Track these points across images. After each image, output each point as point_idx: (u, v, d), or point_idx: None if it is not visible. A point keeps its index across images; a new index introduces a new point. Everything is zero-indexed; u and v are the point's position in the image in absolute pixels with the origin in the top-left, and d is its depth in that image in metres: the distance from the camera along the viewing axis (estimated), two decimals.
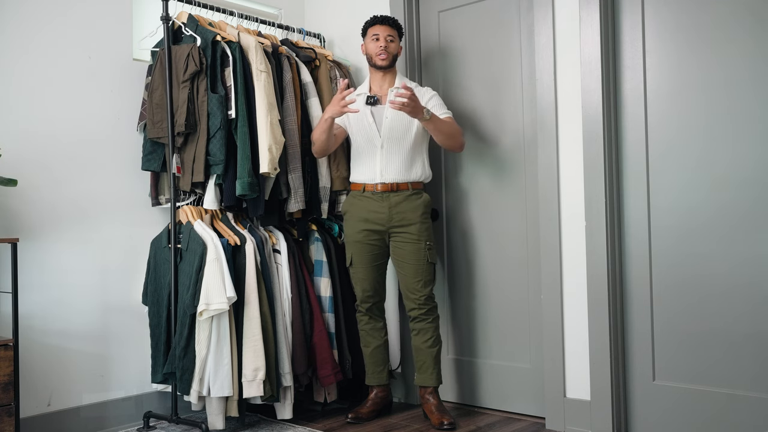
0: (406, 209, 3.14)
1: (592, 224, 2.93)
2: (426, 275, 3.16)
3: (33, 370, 2.91)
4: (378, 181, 3.17)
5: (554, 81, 3.05)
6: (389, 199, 3.15)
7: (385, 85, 3.24)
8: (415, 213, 3.15)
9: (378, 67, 3.22)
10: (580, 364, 2.98)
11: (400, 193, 3.16)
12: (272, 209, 3.27)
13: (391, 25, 3.24)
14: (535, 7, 3.11)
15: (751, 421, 2.60)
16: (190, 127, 3.07)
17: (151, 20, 3.39)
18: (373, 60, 3.23)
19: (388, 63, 3.22)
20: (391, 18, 3.27)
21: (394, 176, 3.16)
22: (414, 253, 3.15)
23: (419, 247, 3.14)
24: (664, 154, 2.83)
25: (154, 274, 3.15)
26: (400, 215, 3.14)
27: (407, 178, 3.17)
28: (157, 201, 3.27)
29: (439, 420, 3.09)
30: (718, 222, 2.69)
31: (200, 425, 2.95)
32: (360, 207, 3.20)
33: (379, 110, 3.20)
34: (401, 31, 3.31)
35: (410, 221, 3.14)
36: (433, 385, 3.19)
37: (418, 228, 3.14)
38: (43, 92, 3.02)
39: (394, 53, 3.24)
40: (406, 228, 3.15)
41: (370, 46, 3.24)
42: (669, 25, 2.81)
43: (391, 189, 3.16)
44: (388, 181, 3.15)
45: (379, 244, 3.20)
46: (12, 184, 2.68)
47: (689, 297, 2.76)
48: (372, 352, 3.30)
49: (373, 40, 3.22)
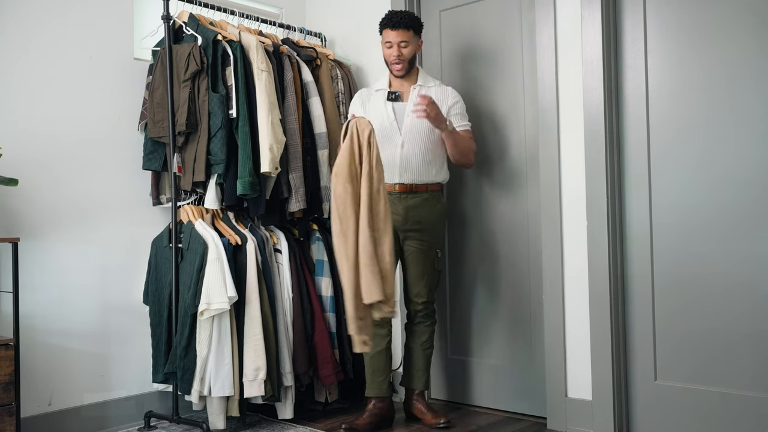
0: (422, 214, 3.08)
1: (593, 224, 2.92)
2: (431, 281, 3.14)
3: (34, 369, 2.91)
4: (396, 181, 3.07)
5: (556, 80, 3.04)
6: (406, 201, 3.08)
7: (405, 83, 3.15)
8: (431, 219, 3.10)
9: (396, 76, 3.13)
10: (581, 363, 2.97)
11: (418, 196, 3.08)
12: (273, 209, 3.27)
13: (405, 27, 3.06)
14: (537, 6, 3.11)
15: (753, 421, 2.60)
16: (191, 127, 3.07)
17: (151, 19, 3.39)
18: (389, 67, 3.14)
19: (404, 72, 3.11)
20: (404, 19, 3.07)
21: (413, 177, 3.07)
22: (423, 259, 3.11)
23: (429, 254, 3.11)
24: (665, 154, 2.82)
25: (155, 274, 3.14)
26: (414, 219, 3.08)
27: (425, 179, 3.09)
28: (158, 200, 3.27)
29: (435, 419, 3.07)
30: (720, 221, 2.69)
31: (201, 425, 2.95)
32: None
33: (401, 108, 3.11)
34: (418, 28, 3.13)
35: (424, 227, 3.09)
36: (422, 389, 3.17)
37: (432, 235, 3.11)
38: (44, 92, 3.01)
39: (409, 58, 3.10)
40: (420, 233, 3.09)
41: (384, 53, 3.13)
42: (671, 25, 2.81)
43: (408, 190, 3.08)
44: (407, 181, 3.07)
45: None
46: (12, 184, 2.68)
47: (691, 296, 2.76)
48: (372, 359, 3.12)
49: (386, 47, 3.10)
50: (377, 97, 3.16)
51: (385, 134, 3.09)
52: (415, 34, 3.12)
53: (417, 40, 3.14)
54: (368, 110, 3.15)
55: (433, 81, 3.20)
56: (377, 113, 3.12)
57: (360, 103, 3.20)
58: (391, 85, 3.17)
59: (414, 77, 3.16)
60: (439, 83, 3.20)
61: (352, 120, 2.84)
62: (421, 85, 3.13)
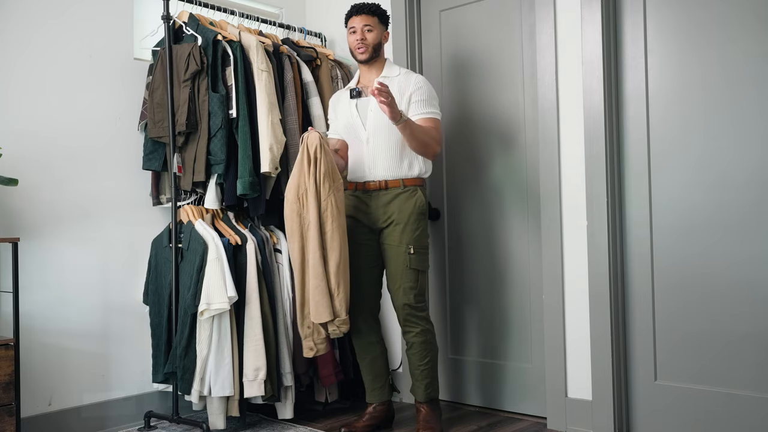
0: (393, 209, 2.93)
1: (593, 223, 2.92)
2: (406, 282, 2.91)
3: (34, 369, 2.91)
4: (367, 179, 2.98)
5: (556, 80, 3.04)
6: (378, 199, 2.96)
7: (372, 77, 3.03)
8: (402, 214, 2.91)
9: (359, 61, 3.03)
10: (581, 363, 2.97)
11: (390, 192, 2.94)
12: (273, 209, 3.27)
13: (369, 12, 2.99)
14: (537, 6, 3.11)
15: (753, 421, 2.60)
16: (191, 127, 3.07)
17: (151, 19, 3.39)
18: (353, 54, 3.04)
19: (369, 56, 3.00)
20: (368, 5, 3.02)
21: (383, 173, 2.94)
22: (394, 257, 2.92)
23: (399, 251, 2.91)
24: (665, 154, 2.82)
25: (155, 274, 3.14)
26: (386, 216, 2.94)
27: (398, 174, 2.94)
28: (158, 200, 3.27)
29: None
30: (720, 221, 2.69)
31: (201, 425, 2.95)
32: (352, 207, 3.01)
33: (364, 103, 2.99)
34: (384, 17, 3.05)
35: (396, 222, 2.92)
36: (419, 399, 2.98)
37: (401, 230, 2.91)
38: (44, 92, 3.01)
39: (374, 44, 2.99)
40: (391, 229, 2.93)
41: (349, 40, 3.04)
42: (671, 25, 2.81)
43: (380, 187, 2.95)
44: (376, 178, 2.95)
45: (370, 245, 3.01)
46: (13, 184, 2.67)
47: (691, 296, 2.76)
48: (368, 366, 3.07)
49: (350, 33, 3.01)
50: (345, 96, 3.08)
51: (351, 132, 3.04)
52: (381, 22, 3.03)
53: (382, 29, 3.04)
54: (338, 111, 3.12)
55: (399, 70, 3.06)
56: (344, 112, 3.07)
57: (332, 107, 3.18)
58: (360, 81, 3.10)
59: (380, 70, 3.05)
60: (405, 72, 3.05)
61: (304, 134, 2.87)
62: (385, 76, 3.01)
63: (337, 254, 2.80)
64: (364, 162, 2.98)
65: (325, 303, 2.78)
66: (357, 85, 3.06)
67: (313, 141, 2.82)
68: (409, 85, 2.97)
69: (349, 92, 2.96)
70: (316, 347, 2.87)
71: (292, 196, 2.84)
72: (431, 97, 2.99)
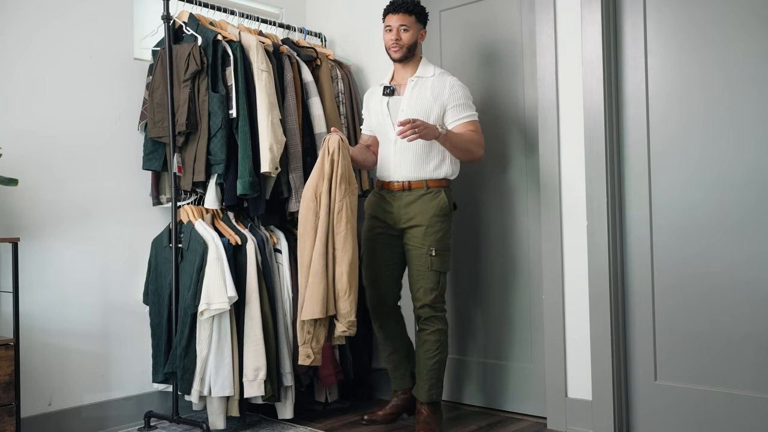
0: (415, 210, 2.93)
1: (593, 223, 2.92)
2: (427, 283, 2.93)
3: (34, 369, 2.91)
4: (392, 179, 2.99)
5: (556, 80, 3.04)
6: (401, 199, 2.97)
7: (406, 75, 3.03)
8: (425, 215, 2.92)
9: (393, 60, 3.03)
10: (581, 363, 2.97)
11: (413, 192, 2.95)
12: (273, 209, 3.27)
13: (407, 11, 2.96)
14: (537, 6, 3.11)
15: (753, 421, 2.60)
16: (191, 127, 3.07)
17: (151, 19, 3.39)
18: (388, 53, 3.02)
19: (402, 55, 2.98)
20: (407, 3, 2.97)
21: (407, 173, 2.95)
22: (416, 258, 2.95)
23: (421, 252, 2.93)
24: (665, 154, 2.82)
25: (155, 274, 3.14)
26: (408, 216, 2.95)
27: (421, 175, 2.94)
28: (158, 200, 3.27)
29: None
30: (720, 221, 2.69)
31: (201, 425, 2.95)
32: (376, 206, 3.04)
33: (395, 102, 3.00)
34: (422, 15, 3.01)
35: (417, 223, 2.93)
36: (422, 400, 2.97)
37: (423, 232, 2.92)
38: (44, 92, 3.01)
39: (409, 44, 2.97)
40: (414, 231, 2.95)
41: (384, 37, 3.01)
42: (671, 25, 2.81)
43: (403, 188, 2.96)
44: (401, 179, 2.96)
45: (393, 243, 3.03)
46: (13, 184, 2.67)
47: (691, 296, 2.76)
48: (389, 358, 3.15)
49: (386, 30, 3.00)
50: (378, 92, 3.09)
51: (381, 130, 3.05)
52: (418, 21, 3.00)
53: (419, 28, 3.01)
54: (370, 107, 3.13)
55: (434, 70, 3.02)
56: (376, 109, 3.08)
57: (366, 102, 3.19)
58: (394, 77, 3.09)
59: (415, 68, 3.03)
60: (440, 72, 3.02)
61: (326, 135, 2.88)
62: (419, 76, 3.00)
63: (350, 255, 2.79)
64: (391, 161, 3.00)
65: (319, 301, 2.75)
66: (391, 83, 3.07)
67: (333, 143, 2.84)
68: (443, 90, 2.95)
69: (383, 89, 2.99)
70: (314, 356, 2.80)
71: (309, 194, 2.84)
72: (467, 99, 2.98)
